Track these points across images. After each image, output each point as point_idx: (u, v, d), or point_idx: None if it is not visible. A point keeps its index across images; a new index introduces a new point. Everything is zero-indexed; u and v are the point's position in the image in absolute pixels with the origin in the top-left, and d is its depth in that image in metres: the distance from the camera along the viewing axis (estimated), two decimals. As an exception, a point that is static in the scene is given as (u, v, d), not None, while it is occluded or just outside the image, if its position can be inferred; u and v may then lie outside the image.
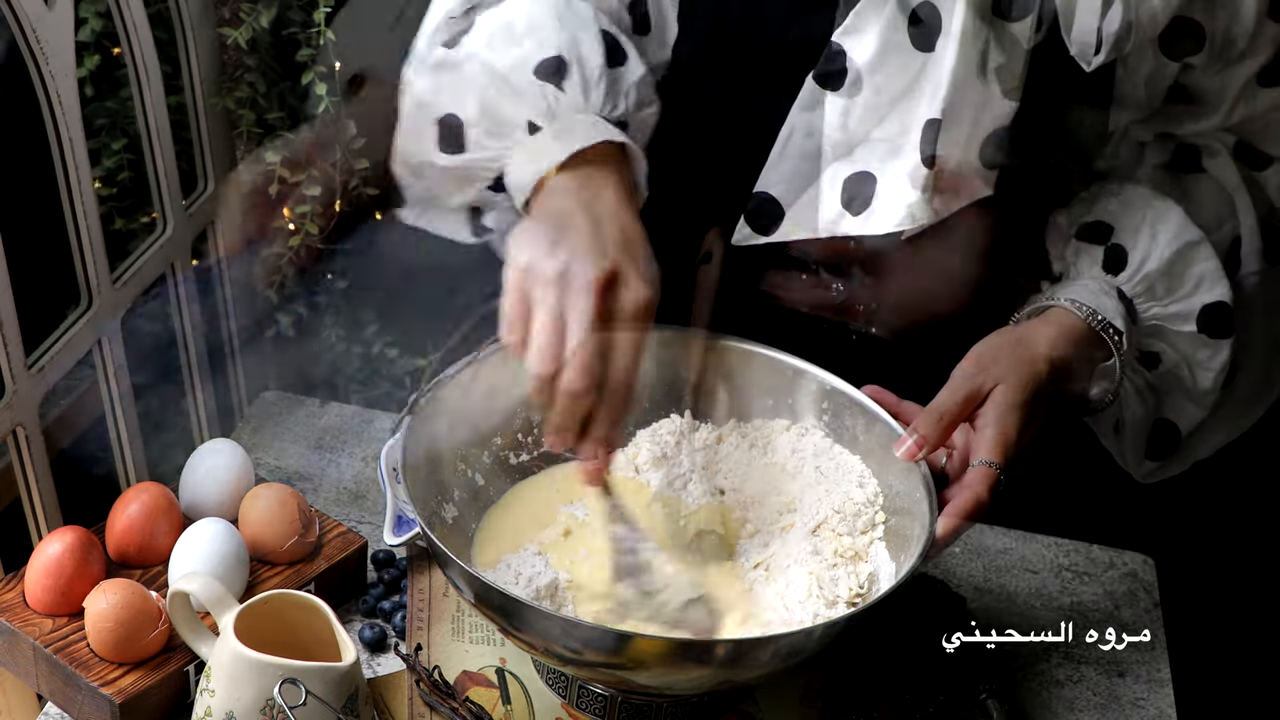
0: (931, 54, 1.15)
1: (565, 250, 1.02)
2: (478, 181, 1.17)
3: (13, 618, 1.15)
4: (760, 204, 1.24)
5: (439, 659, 1.20)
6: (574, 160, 1.08)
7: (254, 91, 1.54)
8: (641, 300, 1.03)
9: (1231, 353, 1.29)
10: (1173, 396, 1.33)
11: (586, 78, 1.13)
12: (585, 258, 1.02)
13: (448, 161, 1.17)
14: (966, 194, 1.21)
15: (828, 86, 1.18)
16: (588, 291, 1.01)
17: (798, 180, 1.23)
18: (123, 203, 1.56)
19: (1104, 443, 1.37)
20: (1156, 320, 1.28)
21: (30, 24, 1.22)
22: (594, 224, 1.05)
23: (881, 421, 1.21)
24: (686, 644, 1.04)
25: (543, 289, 1.02)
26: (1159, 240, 1.27)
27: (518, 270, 1.04)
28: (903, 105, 1.18)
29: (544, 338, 1.02)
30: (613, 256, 1.03)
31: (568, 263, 1.02)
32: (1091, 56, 1.17)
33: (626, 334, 1.03)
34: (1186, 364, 1.30)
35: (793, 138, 1.21)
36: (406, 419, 1.14)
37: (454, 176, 1.18)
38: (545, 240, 1.03)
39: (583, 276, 1.01)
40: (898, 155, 1.19)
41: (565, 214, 1.06)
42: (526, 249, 1.04)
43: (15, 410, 1.26)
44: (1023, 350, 1.19)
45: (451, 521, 1.18)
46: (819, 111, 1.19)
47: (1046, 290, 1.28)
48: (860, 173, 1.20)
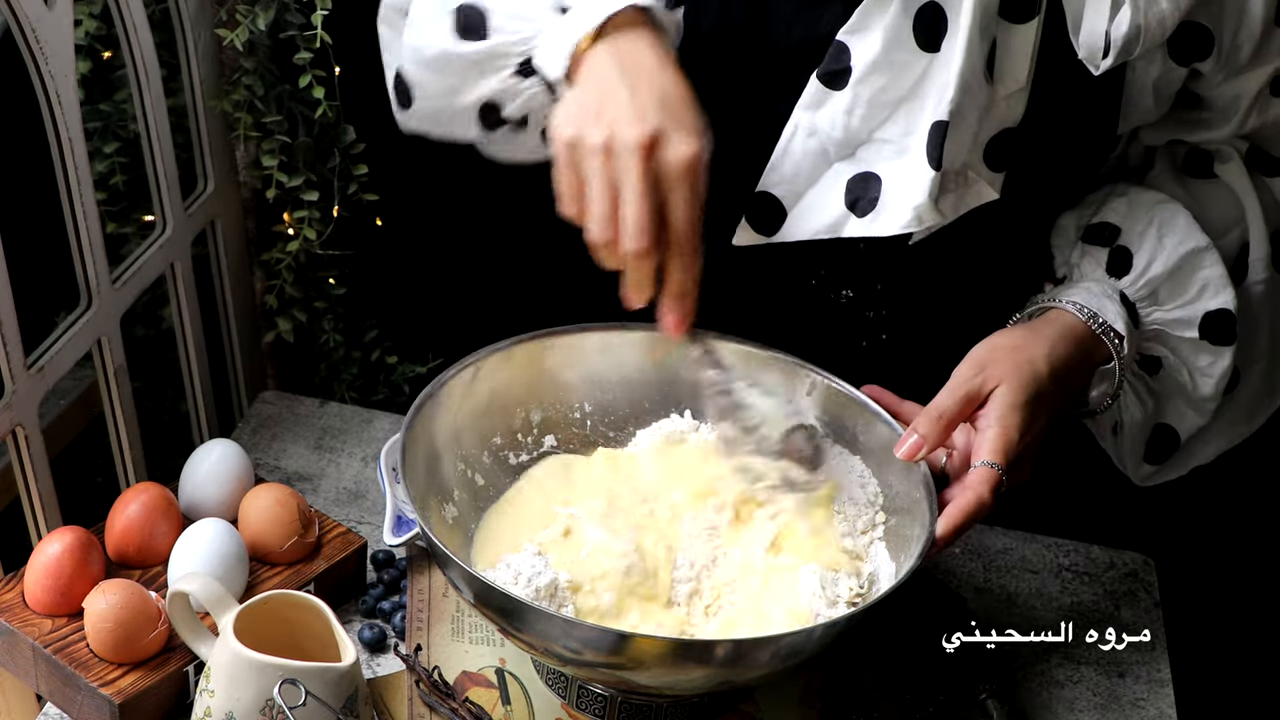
0: (936, 54, 1.15)
1: (608, 118, 1.04)
2: (502, 69, 1.15)
3: (12, 618, 1.15)
4: (762, 204, 1.24)
5: (439, 659, 1.19)
6: (606, 29, 1.09)
7: (251, 94, 1.54)
8: (688, 154, 1.04)
9: (1233, 360, 1.29)
10: (1173, 401, 1.33)
11: None
12: (627, 123, 1.04)
13: (469, 49, 1.15)
14: (973, 197, 1.21)
15: (831, 85, 1.18)
16: (635, 155, 1.03)
17: (800, 180, 1.22)
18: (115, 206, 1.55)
19: (1102, 444, 1.37)
20: (1158, 325, 1.28)
21: (30, 24, 1.22)
22: (633, 88, 1.06)
23: (881, 421, 1.21)
24: (686, 644, 1.04)
25: (591, 159, 1.05)
26: (1165, 245, 1.27)
27: (565, 144, 1.06)
28: (907, 105, 1.17)
29: (598, 207, 1.05)
30: (654, 118, 1.04)
31: (612, 130, 1.04)
32: (1099, 60, 1.17)
33: (680, 186, 1.04)
34: (1187, 370, 1.29)
35: (795, 137, 1.21)
36: (406, 419, 1.14)
37: (472, 66, 1.16)
38: (589, 111, 1.05)
39: (627, 141, 1.03)
40: (902, 156, 1.18)
41: (605, 81, 1.07)
42: (571, 122, 1.06)
43: (15, 410, 1.26)
44: (1022, 352, 1.19)
45: (451, 521, 1.18)
46: (823, 111, 1.19)
47: (1049, 291, 1.28)
48: (864, 173, 1.20)
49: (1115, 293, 1.26)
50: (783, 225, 1.24)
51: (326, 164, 1.59)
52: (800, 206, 1.23)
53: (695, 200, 1.06)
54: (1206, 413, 1.33)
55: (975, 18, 1.13)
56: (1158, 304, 1.28)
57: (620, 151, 1.04)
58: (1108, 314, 1.23)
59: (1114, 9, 1.15)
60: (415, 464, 1.14)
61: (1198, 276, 1.27)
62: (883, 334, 1.33)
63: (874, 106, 1.18)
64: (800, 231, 1.23)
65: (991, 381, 1.17)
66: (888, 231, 1.19)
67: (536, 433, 1.27)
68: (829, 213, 1.22)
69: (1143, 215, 1.28)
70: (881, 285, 1.30)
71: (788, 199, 1.23)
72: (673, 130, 1.05)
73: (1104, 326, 1.23)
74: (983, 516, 1.12)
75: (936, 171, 1.16)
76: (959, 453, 1.17)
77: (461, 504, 1.20)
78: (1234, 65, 1.24)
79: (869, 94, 1.17)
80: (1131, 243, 1.28)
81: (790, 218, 1.24)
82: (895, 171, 1.19)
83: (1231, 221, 1.32)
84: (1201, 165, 1.33)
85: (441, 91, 1.19)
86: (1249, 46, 1.23)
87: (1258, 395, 1.39)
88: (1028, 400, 1.16)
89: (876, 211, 1.19)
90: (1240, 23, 1.21)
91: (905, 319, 1.32)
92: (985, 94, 1.17)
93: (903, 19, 1.15)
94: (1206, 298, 1.27)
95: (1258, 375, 1.37)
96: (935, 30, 1.15)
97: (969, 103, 1.16)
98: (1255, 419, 1.40)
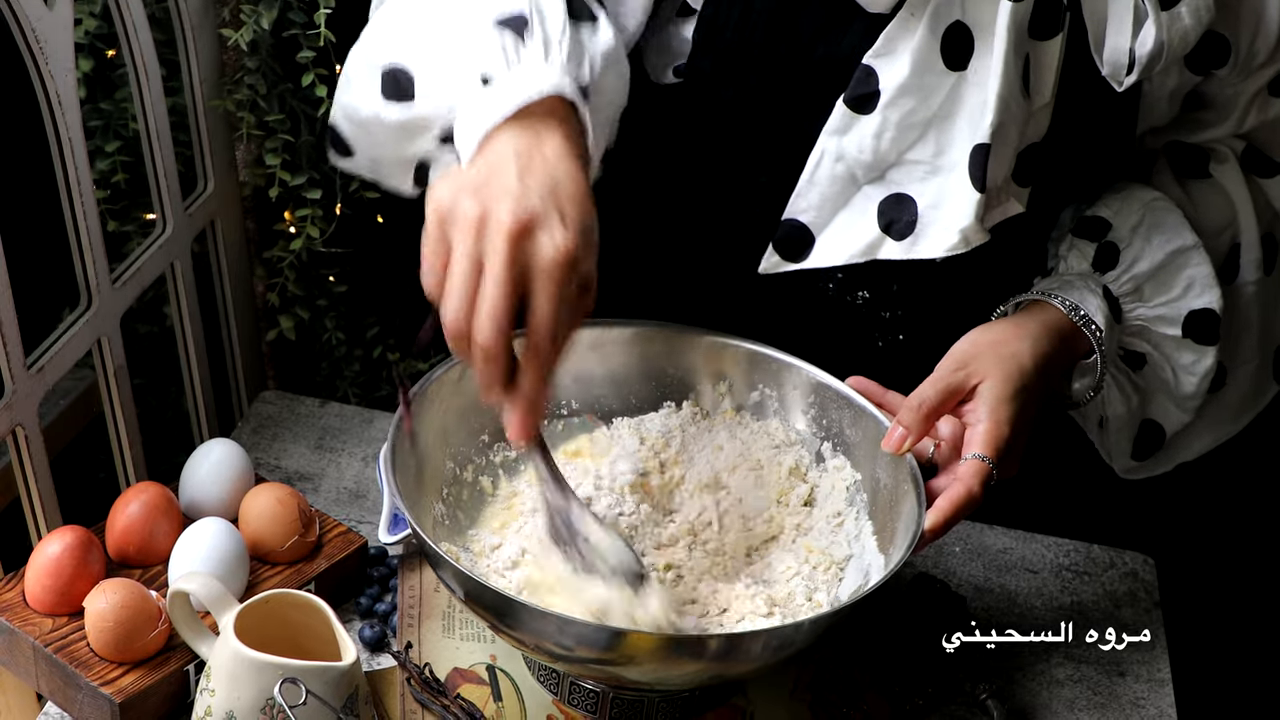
0: (964, 72, 1.15)
1: (487, 194, 0.98)
2: (425, 134, 1.12)
3: (12, 617, 1.15)
4: (790, 231, 1.22)
5: (430, 656, 1.20)
6: (522, 115, 1.02)
7: (254, 94, 1.54)
8: (560, 247, 0.96)
9: (1217, 359, 1.29)
10: (1156, 398, 1.33)
11: (548, 33, 1.07)
12: (504, 201, 0.97)
13: (396, 113, 1.12)
14: (1002, 212, 1.21)
15: (859, 110, 1.17)
16: (504, 237, 0.96)
17: (828, 206, 1.21)
18: (117, 204, 1.56)
19: (1090, 436, 1.37)
20: (1141, 321, 1.28)
21: (30, 24, 1.22)
22: (522, 171, 0.99)
23: (868, 415, 1.21)
24: (679, 639, 1.05)
25: (460, 233, 0.97)
26: (1153, 242, 1.27)
27: (437, 214, 0.99)
28: (938, 126, 1.17)
29: (458, 287, 0.97)
30: (534, 203, 0.97)
31: (486, 206, 0.97)
32: (1124, 77, 1.16)
33: (545, 281, 0.97)
34: (1170, 367, 1.29)
35: (823, 163, 1.19)
36: (396, 417, 1.14)
37: (400, 129, 1.12)
38: (470, 185, 0.99)
39: (500, 219, 0.96)
40: (935, 176, 1.18)
41: (498, 161, 1.01)
42: (448, 190, 0.99)
43: (15, 410, 1.26)
44: (1006, 346, 1.19)
45: (443, 520, 1.18)
46: (850, 135, 1.18)
47: (1036, 284, 1.28)
48: (896, 194, 1.19)
49: (1099, 287, 1.25)
50: (811, 251, 1.23)
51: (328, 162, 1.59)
52: (829, 231, 1.22)
53: (558, 300, 0.97)
54: (1190, 410, 1.33)
55: (1010, 37, 1.12)
56: (1142, 300, 1.28)
57: (491, 230, 0.96)
58: (1089, 307, 1.23)
59: (1137, 26, 1.14)
60: (405, 462, 1.14)
61: (1183, 275, 1.27)
62: (899, 334, 1.33)
63: (903, 129, 1.17)
64: (832, 257, 1.22)
65: (976, 376, 1.17)
66: (934, 254, 1.18)
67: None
68: (862, 236, 1.21)
69: (1134, 211, 1.28)
70: (898, 286, 1.30)
71: (815, 225, 1.22)
72: (551, 220, 0.97)
73: (1084, 319, 1.22)
74: (972, 510, 1.12)
75: (981, 194, 1.16)
76: (946, 443, 1.16)
77: (451, 502, 1.20)
78: (1248, 70, 1.24)
79: (898, 117, 1.16)
80: (1120, 238, 1.28)
81: (819, 243, 1.23)
82: (930, 192, 1.18)
83: (1224, 222, 1.32)
84: (1197, 165, 1.33)
85: (375, 147, 1.16)
86: (1265, 52, 1.23)
87: (1245, 396, 1.39)
88: (1015, 393, 1.16)
89: (916, 235, 1.19)
90: (1257, 30, 1.21)
91: (921, 319, 1.32)
92: (1020, 111, 1.16)
93: (930, 40, 1.14)
94: (1191, 296, 1.27)
95: (1245, 376, 1.37)
96: (963, 50, 1.14)
97: (1008, 120, 1.15)
98: (1242, 419, 1.40)
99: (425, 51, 1.10)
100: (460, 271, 0.97)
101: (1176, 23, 1.14)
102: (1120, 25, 1.15)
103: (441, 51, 1.09)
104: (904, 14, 1.14)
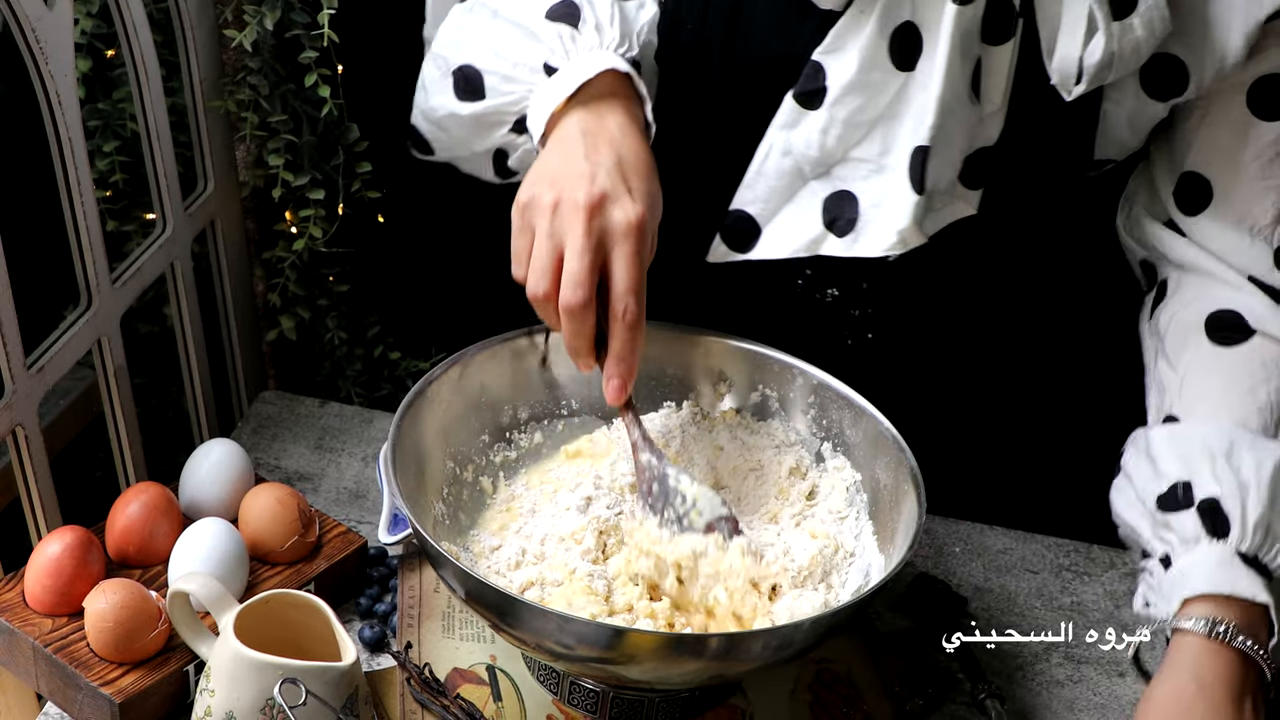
0: (912, 73, 1.15)
1: (561, 181, 1.07)
2: (500, 126, 1.20)
3: (12, 617, 1.15)
4: (736, 221, 1.24)
5: (430, 656, 1.20)
6: (582, 94, 1.12)
7: (256, 94, 1.54)
8: (633, 217, 1.06)
9: None
10: None
11: (599, 17, 1.16)
12: (576, 184, 1.06)
13: (469, 109, 1.20)
14: (950, 213, 1.21)
15: (807, 105, 1.19)
16: (579, 212, 1.05)
17: (774, 199, 1.23)
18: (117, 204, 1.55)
19: None
20: None
21: (30, 24, 1.22)
22: (589, 150, 1.08)
23: (868, 415, 1.21)
24: (678, 638, 1.05)
25: (539, 218, 1.07)
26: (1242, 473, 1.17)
27: (519, 207, 1.09)
28: (884, 125, 1.17)
29: (540, 260, 1.07)
30: (603, 180, 1.07)
31: (560, 192, 1.07)
32: (1072, 86, 1.16)
33: (622, 246, 1.06)
34: None
35: (770, 156, 1.21)
36: (395, 418, 1.14)
37: (476, 123, 1.21)
38: (546, 175, 1.08)
39: (574, 202, 1.06)
40: (880, 175, 1.18)
41: (567, 145, 1.10)
42: (529, 187, 1.09)
43: (15, 410, 1.26)
44: None
45: (443, 520, 1.18)
46: (798, 130, 1.19)
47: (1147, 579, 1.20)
48: (840, 192, 1.20)
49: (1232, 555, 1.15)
50: (757, 243, 1.24)
51: (330, 162, 1.59)
52: (774, 224, 1.23)
53: (637, 263, 1.07)
54: None
55: (954, 40, 1.13)
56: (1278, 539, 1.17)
57: (566, 210, 1.06)
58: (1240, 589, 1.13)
59: (1088, 36, 1.14)
60: (405, 462, 1.14)
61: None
62: (868, 332, 1.33)
63: (850, 126, 1.18)
64: (775, 249, 1.23)
65: None
66: (870, 253, 1.20)
67: (525, 429, 1.27)
68: (805, 231, 1.22)
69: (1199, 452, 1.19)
70: (867, 284, 1.30)
71: (762, 216, 1.23)
72: (620, 193, 1.07)
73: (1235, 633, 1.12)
74: None
75: (920, 195, 1.16)
76: None
77: (452, 501, 1.20)
78: None
79: (845, 114, 1.17)
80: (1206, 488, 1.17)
81: (764, 235, 1.24)
82: (873, 191, 1.19)
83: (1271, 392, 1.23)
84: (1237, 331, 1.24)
85: (454, 143, 1.25)
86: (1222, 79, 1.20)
87: None
88: None
89: (857, 232, 1.20)
90: (1215, 55, 1.18)
91: (890, 317, 1.33)
92: (964, 115, 1.16)
93: (878, 39, 1.15)
94: None
95: None
96: (911, 50, 1.15)
97: (952, 124, 1.16)
98: None
99: (491, 51, 1.19)
100: (543, 250, 1.07)
101: (1128, 34, 1.13)
102: (1072, 33, 1.14)
103: (505, 49, 1.18)
104: (854, 11, 1.15)
